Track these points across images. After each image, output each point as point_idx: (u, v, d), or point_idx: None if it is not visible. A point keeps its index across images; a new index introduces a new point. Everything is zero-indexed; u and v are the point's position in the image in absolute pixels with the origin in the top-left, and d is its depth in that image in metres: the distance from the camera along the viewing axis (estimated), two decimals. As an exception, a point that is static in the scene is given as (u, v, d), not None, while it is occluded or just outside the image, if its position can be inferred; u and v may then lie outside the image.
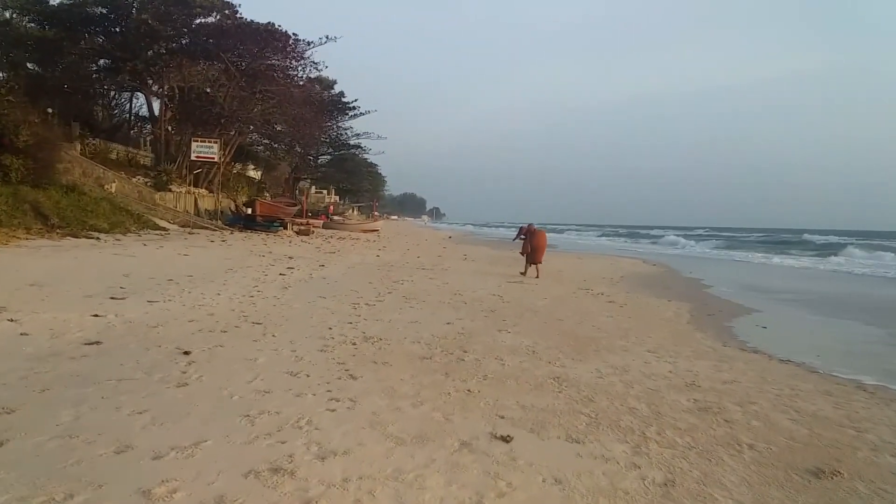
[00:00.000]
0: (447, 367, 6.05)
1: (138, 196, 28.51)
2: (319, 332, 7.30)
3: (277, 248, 20.82)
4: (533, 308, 10.46)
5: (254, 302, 9.24)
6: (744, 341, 8.47)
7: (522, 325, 8.73)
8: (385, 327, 7.91)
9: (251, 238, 25.20)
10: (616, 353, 7.18)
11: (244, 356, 5.94)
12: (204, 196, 33.14)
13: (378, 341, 6.99)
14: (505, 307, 10.40)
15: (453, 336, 7.59)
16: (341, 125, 53.33)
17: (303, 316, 8.36)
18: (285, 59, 31.81)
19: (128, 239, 18.76)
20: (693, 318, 10.40)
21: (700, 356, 7.25)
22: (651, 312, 10.80)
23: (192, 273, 11.96)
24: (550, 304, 11.20)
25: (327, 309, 9.05)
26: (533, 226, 16.97)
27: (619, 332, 8.59)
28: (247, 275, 12.54)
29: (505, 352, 6.86)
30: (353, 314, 8.77)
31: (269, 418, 4.31)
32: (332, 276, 13.62)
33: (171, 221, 26.89)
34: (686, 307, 11.67)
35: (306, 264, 15.83)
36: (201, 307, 8.46)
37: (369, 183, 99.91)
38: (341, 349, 6.51)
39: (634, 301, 12.25)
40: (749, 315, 11.06)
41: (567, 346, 7.36)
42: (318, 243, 26.59)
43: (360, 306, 9.51)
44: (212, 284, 10.72)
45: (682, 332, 8.87)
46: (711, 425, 4.78)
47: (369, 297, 10.65)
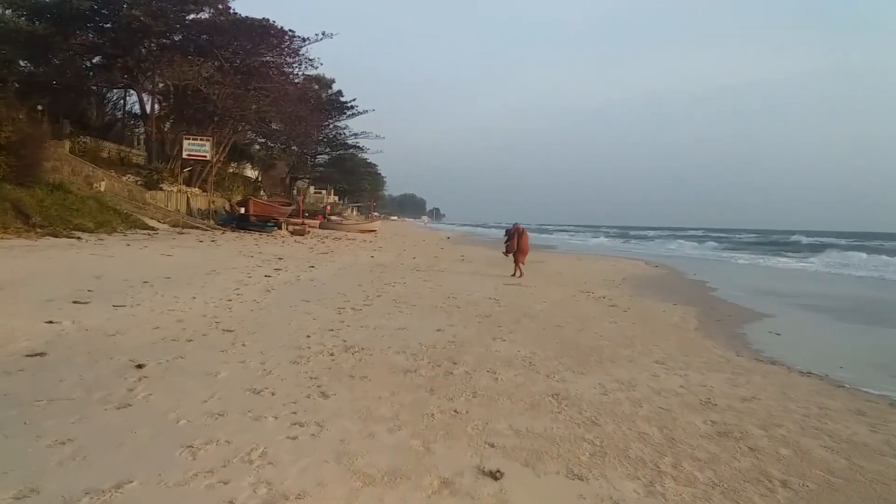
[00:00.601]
0: (433, 381, 5.39)
1: (128, 195, 27.87)
2: (295, 341, 6.65)
3: (268, 249, 20.17)
4: (530, 313, 9.81)
5: (230, 307, 8.59)
6: (758, 350, 7.81)
7: (519, 332, 8.08)
8: (369, 335, 7.25)
9: (243, 238, 24.54)
10: (621, 364, 6.53)
11: (205, 370, 5.29)
12: (197, 195, 32.49)
13: (359, 351, 6.34)
14: (501, 312, 9.74)
15: (443, 345, 6.94)
16: (338, 124, 52.62)
17: (280, 322, 7.71)
18: (280, 55, 31.16)
19: (112, 239, 18.11)
20: (701, 323, 9.75)
21: (713, 368, 6.59)
22: (656, 318, 10.14)
23: (170, 275, 11.31)
24: (549, 308, 10.55)
25: (309, 314, 8.39)
26: (519, 226, 16.72)
27: (624, 340, 7.93)
28: (230, 277, 11.89)
29: (499, 363, 6.20)
30: (337, 320, 8.12)
31: (216, 450, 3.65)
32: (321, 279, 12.96)
33: (161, 221, 26.24)
34: (693, 312, 11.02)
35: (295, 266, 15.17)
36: (171, 312, 7.81)
37: (368, 183, 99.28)
38: (316, 361, 5.85)
39: (638, 305, 11.60)
40: (760, 321, 10.40)
41: (567, 357, 6.70)
42: (312, 244, 25.93)
43: (345, 311, 8.86)
44: (189, 287, 10.07)
45: (690, 341, 8.21)
46: (735, 455, 4.13)
47: (356, 300, 10.00)
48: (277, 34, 28.73)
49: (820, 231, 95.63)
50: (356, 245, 28.15)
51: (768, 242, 55.32)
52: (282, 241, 25.71)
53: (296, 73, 34.13)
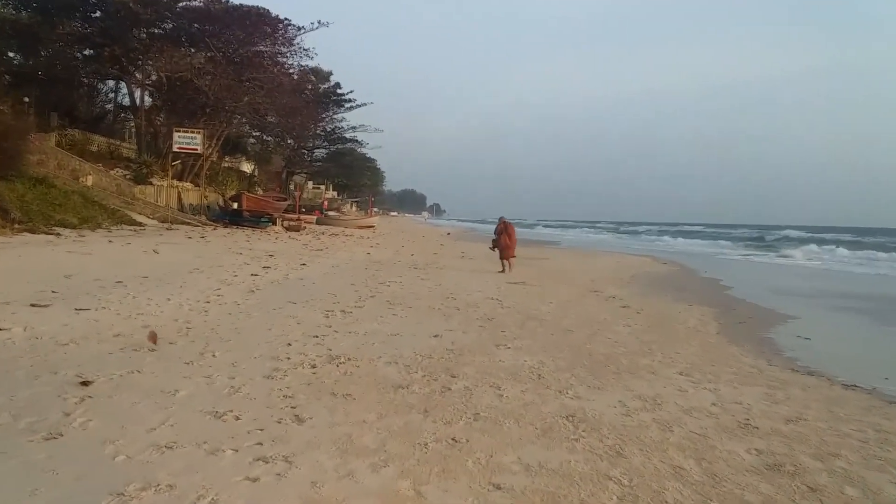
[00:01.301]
0: (428, 400, 4.65)
1: (117, 189, 27.08)
2: (274, 350, 5.89)
3: (260, 246, 19.41)
4: (537, 315, 9.06)
5: (207, 310, 7.83)
6: (791, 358, 7.06)
7: (525, 337, 7.33)
8: (357, 342, 6.50)
9: (234, 234, 23.79)
10: (641, 376, 5.78)
11: (162, 387, 4.54)
12: (189, 190, 31.71)
13: (344, 362, 5.58)
14: (504, 314, 8.99)
15: (440, 354, 6.19)
16: (336, 117, 51.76)
17: (260, 328, 6.95)
18: (274, 45, 30.32)
19: (95, 235, 17.34)
20: (722, 327, 9.00)
21: (745, 380, 5.84)
22: (673, 320, 9.39)
23: (149, 274, 10.55)
24: (556, 310, 9.80)
25: (293, 318, 7.64)
26: (505, 219, 16.46)
27: (641, 346, 7.18)
28: (213, 276, 11.13)
29: (503, 376, 5.45)
30: (324, 324, 7.37)
31: (153, 498, 2.90)
32: (311, 277, 12.20)
33: (150, 216, 25.48)
34: (711, 313, 10.27)
35: (286, 263, 14.41)
36: (139, 316, 7.05)
37: (368, 178, 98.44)
38: (295, 375, 5.10)
39: (651, 306, 10.85)
40: (785, 323, 9.65)
41: (580, 367, 5.95)
42: (306, 240, 25.17)
43: (333, 314, 8.10)
44: (167, 287, 9.31)
45: (714, 347, 7.46)
46: (793, 496, 3.38)
47: (347, 302, 9.24)
48: (271, 22, 27.89)
49: (817, 227, 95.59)
50: (353, 241, 27.39)
51: (755, 238, 54.86)
52: (275, 237, 24.96)
53: (291, 63, 33.31)
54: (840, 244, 39.81)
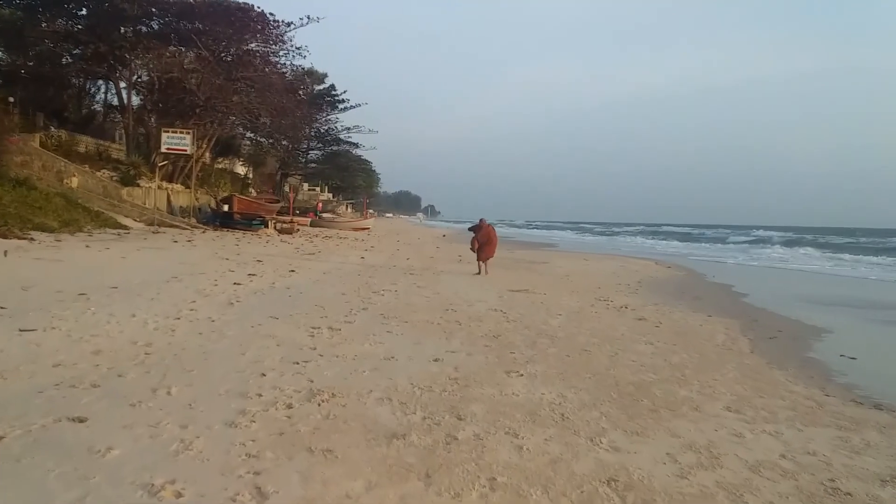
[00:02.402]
0: (430, 457, 3.69)
1: (103, 191, 26.06)
2: (244, 384, 4.93)
3: (249, 250, 18.42)
4: (547, 331, 8.11)
5: (175, 328, 6.86)
6: (846, 385, 6.13)
7: (538, 360, 6.38)
8: (345, 370, 5.54)
9: (224, 238, 22.78)
10: (684, 414, 4.84)
11: (92, 444, 3.57)
12: (179, 192, 30.69)
13: (328, 400, 4.62)
14: (511, 330, 8.05)
15: (442, 385, 5.24)
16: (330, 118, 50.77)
17: (232, 352, 5.99)
18: (265, 43, 29.33)
19: (73, 240, 16.32)
20: (753, 343, 8.07)
21: (806, 419, 4.91)
22: (697, 336, 8.46)
23: (120, 284, 9.58)
24: (567, 323, 8.86)
25: (273, 338, 6.68)
26: (484, 221, 16.19)
27: (672, 371, 6.24)
28: (192, 285, 10.16)
29: (520, 417, 4.51)
30: (307, 346, 6.41)
31: None
32: (300, 286, 11.24)
33: (137, 219, 24.44)
34: (735, 326, 9.35)
35: (274, 270, 13.44)
36: (93, 338, 6.08)
37: (363, 180, 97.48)
38: (265, 420, 4.14)
39: (669, 317, 9.92)
40: (820, 338, 8.73)
41: (609, 402, 5.01)
42: (299, 243, 24.21)
43: (319, 332, 7.14)
44: (135, 300, 8.34)
45: (754, 371, 6.52)
46: None
47: (337, 315, 8.28)
48: (257, 17, 26.87)
49: (807, 228, 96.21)
50: (347, 244, 26.44)
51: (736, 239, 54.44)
52: (266, 240, 23.96)
53: (282, 62, 32.33)
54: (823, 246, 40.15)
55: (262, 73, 29.61)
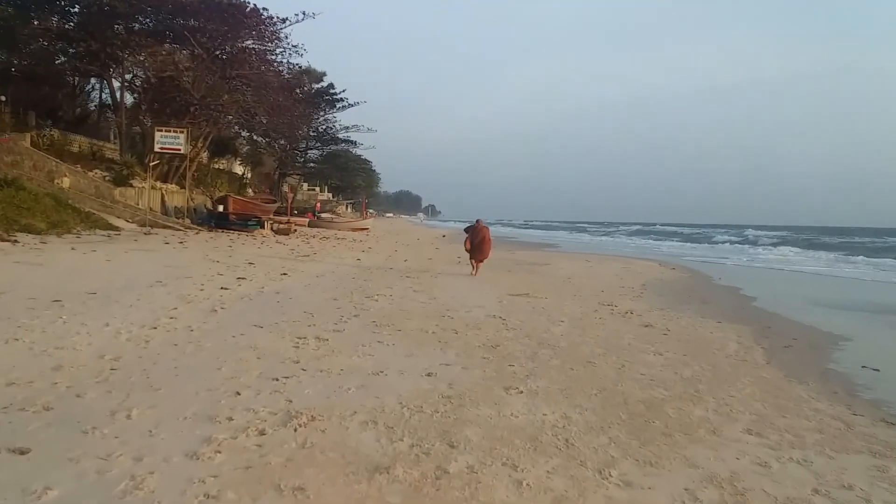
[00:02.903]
0: (415, 496, 3.23)
1: (95, 192, 25.56)
2: (214, 405, 4.47)
3: (242, 252, 17.93)
4: (548, 339, 7.64)
5: (150, 339, 6.40)
6: (873, 402, 5.65)
7: (539, 374, 5.91)
8: (329, 387, 5.08)
9: (218, 239, 22.30)
10: (701, 438, 4.37)
11: (27, 484, 3.11)
12: (174, 192, 30.18)
13: (306, 424, 4.16)
14: (511, 339, 7.58)
15: (434, 404, 4.77)
16: (328, 117, 50.28)
17: (207, 366, 5.52)
18: (262, 40, 28.85)
19: (60, 242, 15.84)
20: (769, 353, 7.59)
21: (836, 443, 4.44)
22: (708, 344, 7.99)
23: (100, 289, 9.11)
24: (570, 330, 8.39)
25: (254, 350, 6.21)
26: (480, 223, 16.19)
27: (685, 386, 5.78)
28: (176, 290, 9.70)
29: (519, 444, 4.04)
30: (290, 359, 5.94)
31: None
32: (291, 290, 10.78)
33: (129, 220, 23.97)
34: (747, 333, 8.88)
35: (265, 273, 12.97)
36: (57, 352, 5.61)
37: (363, 180, 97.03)
38: (232, 451, 3.67)
39: (677, 324, 9.45)
40: (838, 347, 8.27)
41: (618, 425, 4.55)
42: (295, 244, 23.74)
43: (305, 343, 6.67)
44: (112, 307, 7.88)
45: (773, 386, 6.05)
46: None
47: (326, 324, 7.82)
48: (251, 13, 26.37)
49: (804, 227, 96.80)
50: (344, 245, 25.97)
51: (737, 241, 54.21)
52: (261, 241, 23.48)
53: (280, 61, 31.82)
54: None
55: (258, 71, 29.12)
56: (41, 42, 28.65)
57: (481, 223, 16.24)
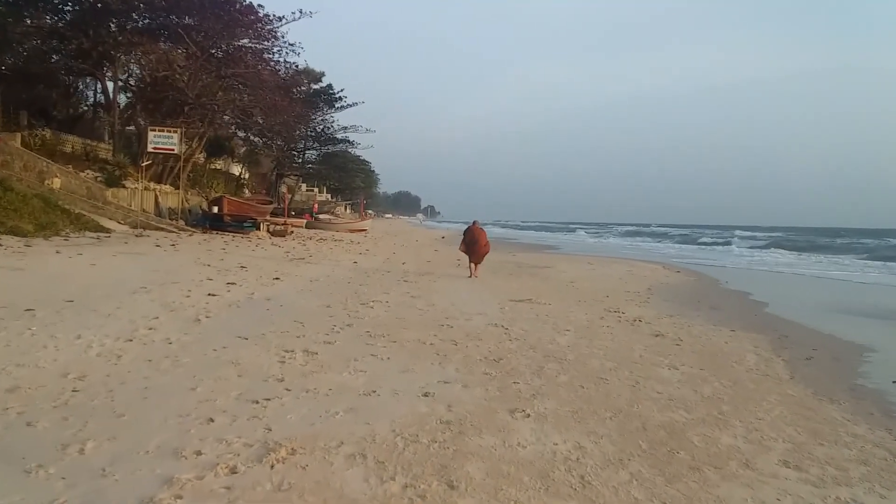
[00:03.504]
0: (408, 555, 2.72)
1: (87, 193, 25.02)
2: (182, 435, 3.95)
3: (235, 255, 17.41)
4: (555, 352, 7.14)
5: (123, 353, 5.88)
6: (915, 423, 5.16)
7: (547, 393, 5.40)
8: (314, 411, 4.57)
9: (211, 241, 21.77)
10: (733, 472, 3.86)
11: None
12: (168, 193, 29.67)
13: (285, 459, 3.65)
14: (514, 351, 7.07)
15: (432, 432, 4.27)
16: (326, 117, 49.74)
17: (181, 386, 5.01)
18: (258, 39, 28.32)
19: (46, 245, 15.32)
20: (791, 366, 7.09)
21: (886, 478, 3.93)
22: (725, 356, 7.48)
23: (78, 296, 8.60)
24: (577, 341, 7.88)
25: (235, 366, 5.69)
26: (477, 223, 16.37)
27: (707, 406, 5.27)
28: (160, 297, 9.18)
29: (527, 481, 3.54)
30: (274, 376, 5.42)
31: None
32: (282, 296, 10.26)
33: (121, 222, 23.45)
34: (765, 343, 8.38)
35: (257, 278, 12.46)
36: (17, 369, 5.10)
37: (361, 180, 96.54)
38: (195, 494, 3.16)
39: (689, 333, 8.94)
40: (863, 357, 7.76)
41: (638, 456, 4.04)
42: (291, 246, 23.23)
43: (293, 357, 6.16)
44: (89, 317, 7.37)
45: (802, 405, 5.54)
46: None
47: (316, 334, 7.31)
48: (245, 10, 25.84)
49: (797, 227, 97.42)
50: (341, 247, 25.47)
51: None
52: (256, 243, 22.96)
53: (278, 60, 31.29)
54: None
55: (255, 70, 28.57)
56: (35, 41, 28.17)
57: (477, 225, 16.30)
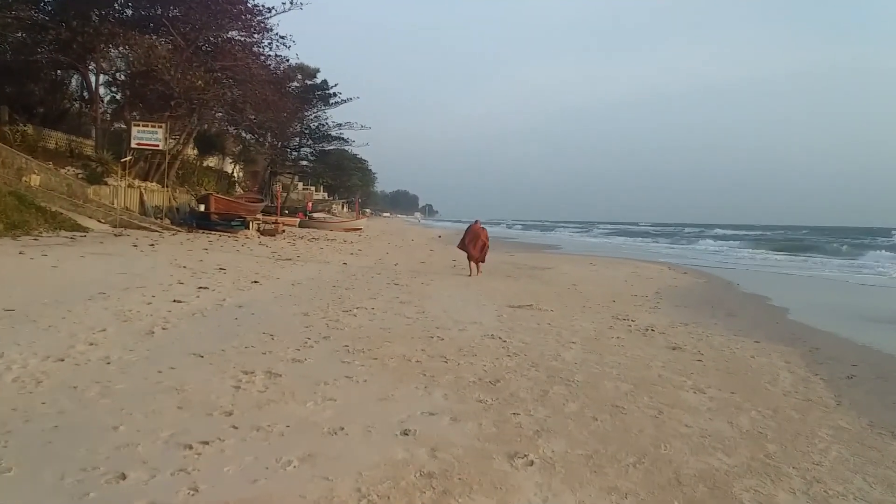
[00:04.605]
0: None
1: (67, 190, 23.99)
2: (76, 500, 2.99)
3: (216, 256, 16.42)
4: (561, 370, 6.17)
5: (45, 377, 4.91)
6: None
7: (553, 427, 4.45)
8: (261, 461, 3.60)
9: (196, 240, 20.77)
10: (805, 554, 2.91)
11: None
12: (154, 191, 28.62)
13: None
14: (513, 369, 6.11)
15: (407, 491, 3.30)
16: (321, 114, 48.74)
17: (101, 424, 4.03)
18: (246, 30, 27.32)
19: (13, 245, 14.30)
20: (833, 388, 6.13)
21: None
22: (754, 375, 6.53)
23: (23, 304, 7.62)
24: (585, 356, 6.92)
25: (179, 393, 4.72)
26: (479, 223, 16.33)
27: (750, 445, 4.31)
28: (117, 304, 8.21)
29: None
30: (223, 408, 4.45)
31: None
32: (256, 303, 9.29)
33: (102, 220, 22.42)
34: (795, 357, 7.43)
35: (234, 280, 11.49)
36: None
37: (358, 179, 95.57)
38: None
39: (708, 344, 7.99)
40: (913, 376, 6.82)
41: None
42: (279, 246, 22.25)
43: (251, 380, 5.19)
44: (25, 329, 6.40)
45: (861, 441, 4.58)
46: None
47: (285, 349, 6.34)
48: (232, 0, 24.83)
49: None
50: (333, 247, 24.50)
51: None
52: (243, 243, 21.97)
53: (269, 54, 30.29)
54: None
55: (244, 63, 27.56)
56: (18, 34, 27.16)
57: (479, 224, 16.24)
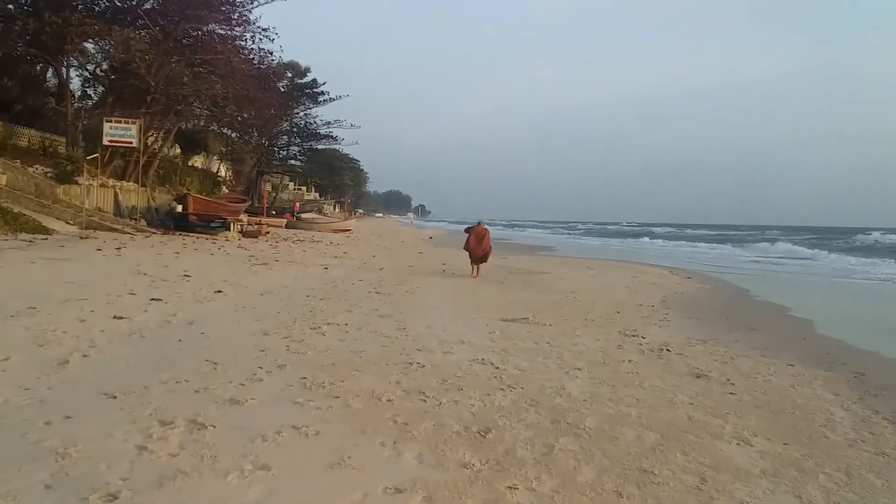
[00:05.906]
0: None
1: (35, 190, 22.63)
2: None
3: (187, 260, 15.13)
4: (566, 410, 4.97)
5: None
6: None
7: None
8: None
9: (170, 243, 19.47)
10: None
11: None
12: (130, 190, 27.27)
13: None
14: (508, 409, 4.90)
15: None
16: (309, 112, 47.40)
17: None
18: (227, 23, 26.03)
19: (-43, 249, 13.03)
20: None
21: None
22: (800, 411, 5.36)
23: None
24: (594, 388, 5.73)
25: (58, 459, 3.49)
26: (482, 224, 16.25)
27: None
28: (42, 322, 6.95)
29: None
30: (103, 493, 3.22)
31: None
32: (211, 319, 8.05)
33: (70, 221, 21.07)
34: (841, 385, 6.27)
35: (195, 290, 10.25)
36: None
37: (350, 179, 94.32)
38: None
39: (735, 368, 6.81)
40: None
41: None
42: (259, 249, 20.99)
43: (166, 435, 3.95)
44: None
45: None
46: None
47: (227, 384, 5.10)
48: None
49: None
50: (317, 249, 23.26)
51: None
52: (220, 245, 20.68)
53: (252, 48, 28.97)
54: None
55: (226, 57, 26.26)
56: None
57: (482, 225, 16.20)
